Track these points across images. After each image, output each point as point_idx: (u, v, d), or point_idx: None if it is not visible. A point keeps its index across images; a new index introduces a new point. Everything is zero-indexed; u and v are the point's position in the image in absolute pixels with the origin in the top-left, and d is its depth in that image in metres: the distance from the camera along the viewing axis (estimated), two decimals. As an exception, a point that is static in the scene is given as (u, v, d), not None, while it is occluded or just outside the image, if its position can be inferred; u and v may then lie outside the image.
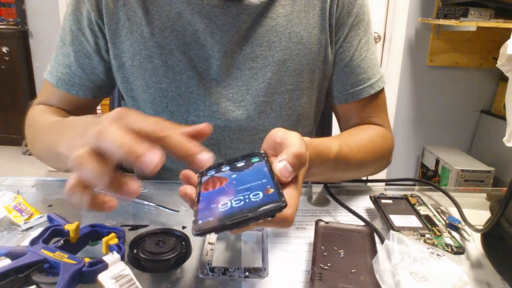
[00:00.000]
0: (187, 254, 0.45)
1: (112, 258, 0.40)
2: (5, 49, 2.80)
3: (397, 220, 0.54)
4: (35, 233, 0.45)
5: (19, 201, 0.55)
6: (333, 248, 0.45)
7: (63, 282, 0.37)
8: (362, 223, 0.53)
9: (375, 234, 0.49)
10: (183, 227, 0.53)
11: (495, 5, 1.88)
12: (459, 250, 0.48)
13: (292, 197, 0.34)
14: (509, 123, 1.52)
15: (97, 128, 0.33)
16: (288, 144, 0.37)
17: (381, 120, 0.72)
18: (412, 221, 0.54)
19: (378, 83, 0.70)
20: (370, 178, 0.74)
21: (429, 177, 2.30)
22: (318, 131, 0.90)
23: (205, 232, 0.30)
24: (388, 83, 2.34)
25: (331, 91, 0.71)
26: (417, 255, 0.41)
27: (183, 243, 0.46)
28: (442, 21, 1.99)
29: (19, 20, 2.68)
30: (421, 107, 2.44)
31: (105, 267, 0.39)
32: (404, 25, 2.25)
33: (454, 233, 0.52)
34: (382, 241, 0.47)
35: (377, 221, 0.56)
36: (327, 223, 0.50)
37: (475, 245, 0.51)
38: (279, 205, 0.30)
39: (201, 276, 0.42)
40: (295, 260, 0.47)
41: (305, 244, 0.50)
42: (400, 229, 0.52)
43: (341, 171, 0.57)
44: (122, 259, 0.41)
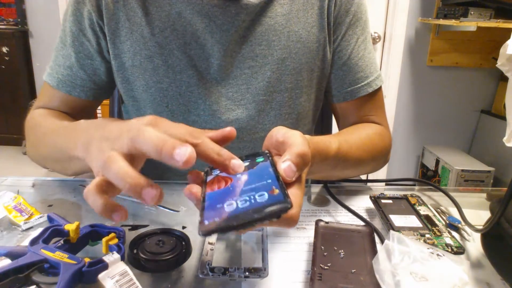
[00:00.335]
0: (187, 254, 0.45)
1: (112, 258, 0.40)
2: (5, 49, 2.80)
3: (397, 220, 0.54)
4: (35, 233, 0.45)
5: (19, 201, 0.55)
6: (333, 248, 0.45)
7: (63, 282, 0.37)
8: (362, 223, 0.53)
9: (375, 234, 0.49)
10: (183, 227, 0.53)
11: (495, 5, 1.88)
12: (459, 250, 0.48)
13: (297, 196, 0.35)
14: (509, 123, 1.52)
15: (132, 131, 0.34)
16: (290, 143, 0.38)
17: (379, 118, 0.72)
18: (412, 221, 0.54)
19: (376, 82, 0.70)
20: (370, 178, 0.74)
21: (429, 177, 2.30)
22: (318, 130, 0.90)
23: (211, 232, 0.30)
24: (388, 83, 2.35)
25: (329, 90, 0.71)
26: (417, 255, 0.41)
27: (183, 243, 0.46)
28: (442, 21, 1.99)
29: (19, 20, 2.68)
30: (421, 107, 2.44)
31: (105, 267, 0.39)
32: (404, 25, 2.25)
33: (454, 233, 0.52)
34: (382, 241, 0.47)
35: (377, 221, 0.56)
36: (327, 223, 0.50)
37: (475, 245, 0.51)
38: (285, 206, 0.30)
39: (201, 276, 0.42)
40: (295, 260, 0.47)
41: (305, 244, 0.50)
42: (400, 229, 0.52)
43: (340, 169, 0.57)
44: (122, 259, 0.41)
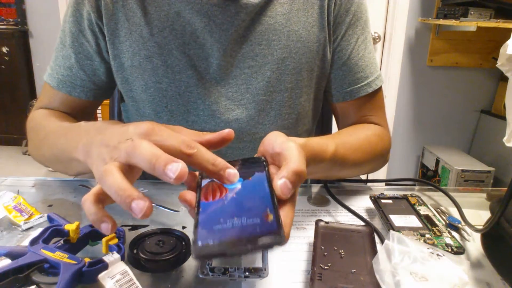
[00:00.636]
0: (187, 254, 0.45)
1: (112, 258, 0.40)
2: (5, 49, 2.80)
3: (397, 220, 0.54)
4: (35, 233, 0.45)
5: (19, 201, 0.55)
6: (333, 248, 0.45)
7: (63, 282, 0.37)
8: (362, 223, 0.53)
9: (375, 234, 0.49)
10: (183, 227, 0.53)
11: (495, 5, 1.88)
12: (459, 250, 0.48)
13: (288, 216, 0.34)
14: (509, 123, 1.52)
15: (128, 143, 0.35)
16: (287, 157, 0.37)
17: (378, 118, 0.72)
18: (412, 221, 0.54)
19: (376, 82, 0.70)
20: (370, 178, 0.74)
21: (429, 177, 2.30)
22: (318, 130, 0.90)
23: (204, 258, 0.31)
24: (388, 83, 2.35)
25: (329, 90, 0.71)
26: (417, 255, 0.41)
27: (183, 243, 0.46)
28: (442, 21, 1.99)
29: (19, 20, 2.68)
30: (421, 107, 2.44)
31: (105, 267, 0.39)
32: (404, 25, 2.25)
33: (454, 233, 0.52)
34: (382, 241, 0.47)
35: (377, 221, 0.56)
36: (327, 223, 0.50)
37: (475, 245, 0.51)
38: (278, 240, 0.31)
39: (201, 276, 0.42)
40: (295, 260, 0.47)
41: (305, 244, 0.50)
42: (400, 229, 0.52)
43: (337, 170, 0.57)
44: (122, 259, 0.41)
